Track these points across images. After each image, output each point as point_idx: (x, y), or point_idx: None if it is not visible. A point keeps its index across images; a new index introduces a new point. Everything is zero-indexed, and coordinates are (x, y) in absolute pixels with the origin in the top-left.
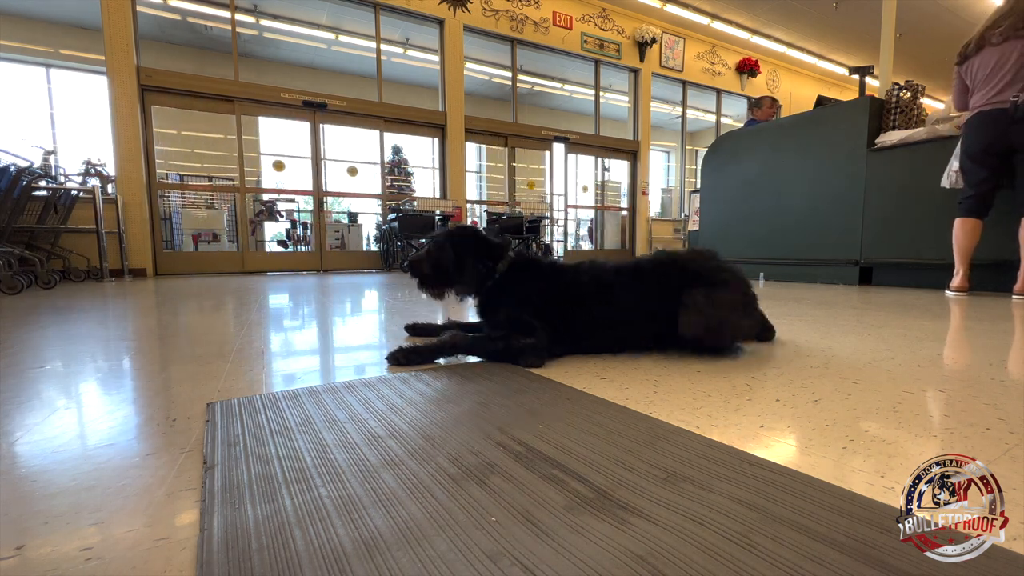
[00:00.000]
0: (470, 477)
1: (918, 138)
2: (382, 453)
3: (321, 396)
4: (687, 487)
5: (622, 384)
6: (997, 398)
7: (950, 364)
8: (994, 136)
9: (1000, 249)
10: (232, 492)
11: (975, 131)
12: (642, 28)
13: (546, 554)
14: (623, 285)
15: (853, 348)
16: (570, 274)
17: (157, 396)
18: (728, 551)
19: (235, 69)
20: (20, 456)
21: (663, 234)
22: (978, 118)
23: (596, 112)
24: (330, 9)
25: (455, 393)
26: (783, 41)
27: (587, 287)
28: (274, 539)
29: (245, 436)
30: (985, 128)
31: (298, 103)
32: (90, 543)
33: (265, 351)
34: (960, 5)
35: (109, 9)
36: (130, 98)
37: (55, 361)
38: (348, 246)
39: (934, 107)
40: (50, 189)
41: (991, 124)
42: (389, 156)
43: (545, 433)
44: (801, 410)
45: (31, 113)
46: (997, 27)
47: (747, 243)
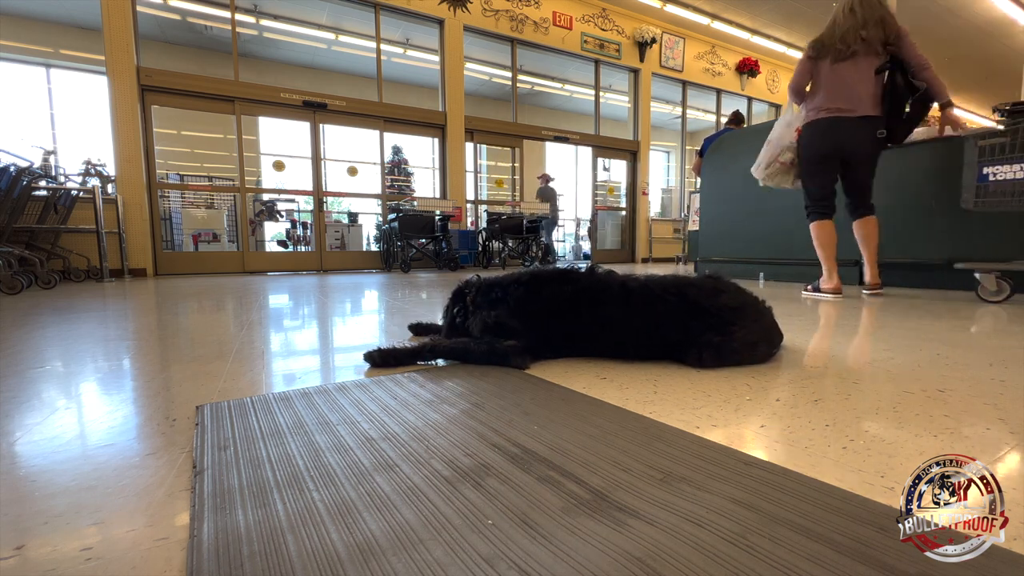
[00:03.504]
0: (465, 480)
1: (917, 138)
2: (376, 456)
3: (313, 398)
4: (684, 488)
5: (622, 384)
6: (997, 398)
7: (950, 364)
8: (833, 143)
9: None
10: (223, 497)
11: (815, 138)
12: (642, 28)
13: (543, 557)
14: (620, 305)
15: (853, 348)
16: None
17: (157, 396)
18: (726, 552)
19: (235, 69)
20: (20, 456)
21: (663, 234)
22: (816, 126)
23: (596, 112)
24: (330, 9)
25: (449, 394)
26: (783, 41)
27: (572, 300)
28: (266, 545)
29: (236, 439)
30: (824, 136)
31: (298, 103)
32: (90, 543)
33: (265, 351)
34: (960, 5)
35: (109, 9)
36: (130, 98)
37: (55, 361)
38: (348, 246)
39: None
40: (50, 189)
41: (830, 131)
42: (389, 156)
43: (540, 434)
44: (801, 410)
45: (31, 113)
46: (846, 41)
47: (747, 243)
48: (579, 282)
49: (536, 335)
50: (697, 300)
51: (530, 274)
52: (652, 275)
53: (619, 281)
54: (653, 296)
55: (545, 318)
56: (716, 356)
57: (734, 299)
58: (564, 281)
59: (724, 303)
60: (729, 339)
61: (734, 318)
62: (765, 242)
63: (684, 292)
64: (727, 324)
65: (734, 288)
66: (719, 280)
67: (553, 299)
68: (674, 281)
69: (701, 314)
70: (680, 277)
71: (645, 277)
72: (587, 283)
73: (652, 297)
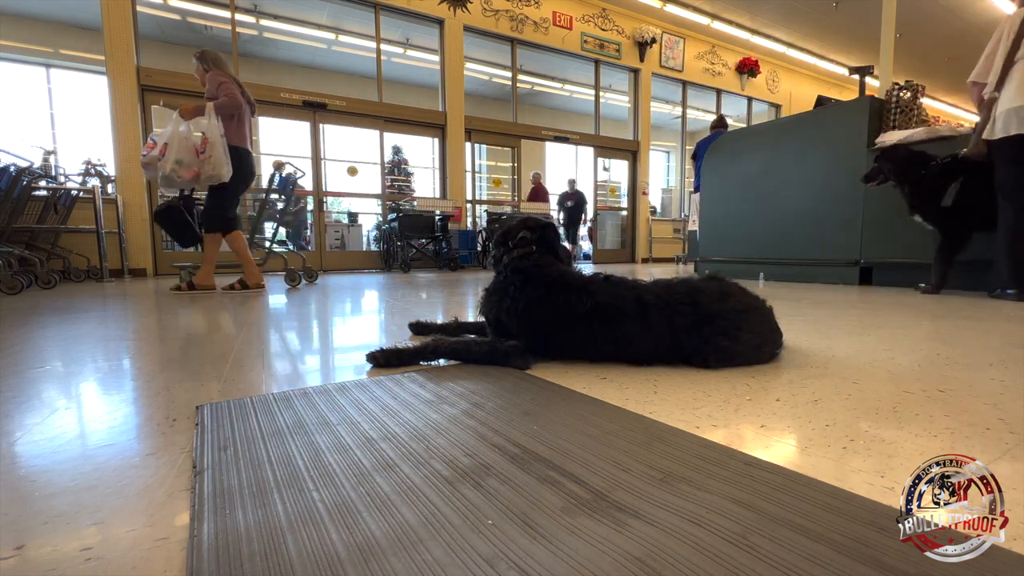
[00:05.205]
0: (465, 480)
1: (918, 138)
2: (376, 456)
3: (313, 398)
4: (684, 488)
5: (622, 384)
6: (997, 398)
7: (950, 364)
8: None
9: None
10: (223, 497)
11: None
12: (642, 28)
13: (543, 557)
14: (630, 308)
15: (853, 348)
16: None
17: (157, 396)
18: (726, 552)
19: (235, 69)
20: (20, 456)
21: (663, 234)
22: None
23: (596, 112)
24: (330, 9)
25: (449, 394)
26: (783, 41)
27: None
28: (266, 545)
29: (236, 440)
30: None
31: (298, 103)
32: (90, 543)
33: (265, 351)
34: (960, 5)
35: (109, 9)
36: (130, 98)
37: (55, 361)
38: (348, 246)
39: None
40: (50, 189)
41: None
42: (389, 156)
43: (540, 434)
44: (801, 410)
45: (31, 113)
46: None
47: (747, 243)
48: (595, 296)
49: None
50: (708, 306)
51: (551, 280)
52: (658, 279)
53: (634, 296)
54: (668, 309)
55: (557, 330)
56: (723, 358)
57: (740, 302)
58: (583, 293)
59: (732, 306)
60: (736, 342)
61: (741, 321)
62: (765, 242)
63: (696, 300)
64: (735, 328)
65: (739, 290)
66: (723, 282)
67: (569, 310)
68: (684, 288)
69: (712, 319)
70: (687, 281)
71: (652, 282)
72: (603, 299)
73: (668, 311)
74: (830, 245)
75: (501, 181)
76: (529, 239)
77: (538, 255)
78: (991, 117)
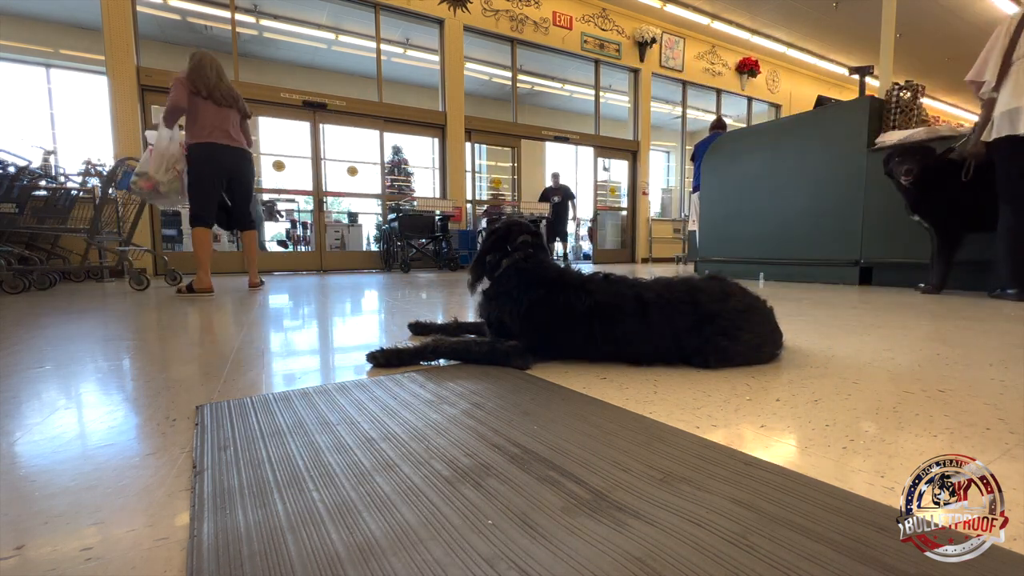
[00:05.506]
0: (465, 480)
1: (918, 138)
2: (376, 456)
3: (313, 398)
4: (684, 488)
5: (622, 384)
6: (997, 398)
7: (950, 364)
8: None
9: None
10: (223, 497)
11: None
12: (642, 28)
13: (543, 557)
14: (629, 308)
15: (853, 348)
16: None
17: (157, 396)
18: (726, 552)
19: (235, 69)
20: (20, 456)
21: (663, 234)
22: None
23: (596, 112)
24: (330, 9)
25: (449, 394)
26: (783, 41)
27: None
28: (266, 545)
29: (236, 440)
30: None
31: (298, 103)
32: (90, 543)
33: (265, 351)
34: (960, 5)
35: (109, 9)
36: (130, 98)
37: (55, 361)
38: (348, 246)
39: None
40: (50, 189)
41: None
42: (389, 156)
43: (540, 434)
44: (801, 410)
45: (31, 113)
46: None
47: (747, 243)
48: (594, 295)
49: (543, 341)
50: (708, 306)
51: (550, 279)
52: (659, 277)
53: (634, 294)
54: (669, 308)
55: (558, 330)
56: (723, 358)
57: (740, 302)
58: (581, 291)
59: (732, 306)
60: (736, 342)
61: (741, 321)
62: (765, 242)
63: (697, 299)
64: (735, 328)
65: (740, 290)
66: (724, 282)
67: (568, 310)
68: (684, 288)
69: (712, 319)
70: (687, 280)
71: (652, 280)
72: (602, 298)
73: (668, 310)
74: (830, 245)
75: (500, 181)
76: (529, 242)
77: (537, 256)
78: (991, 118)
